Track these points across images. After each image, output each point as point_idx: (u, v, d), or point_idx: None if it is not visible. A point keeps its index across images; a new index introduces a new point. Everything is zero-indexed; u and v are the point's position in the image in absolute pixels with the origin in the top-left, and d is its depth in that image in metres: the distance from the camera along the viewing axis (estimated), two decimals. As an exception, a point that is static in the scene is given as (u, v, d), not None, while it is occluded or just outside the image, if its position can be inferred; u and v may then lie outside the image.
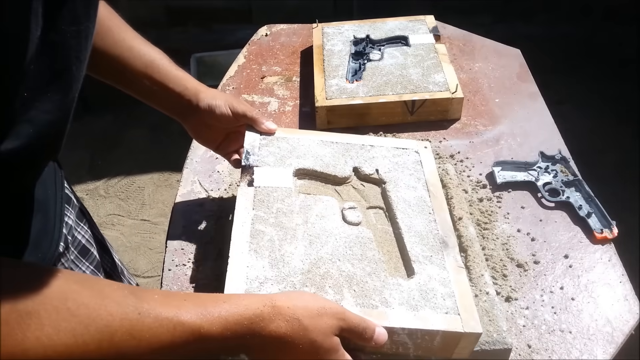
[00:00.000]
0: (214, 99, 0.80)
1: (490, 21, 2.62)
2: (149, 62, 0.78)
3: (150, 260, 2.01)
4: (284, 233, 0.70)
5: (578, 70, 2.43)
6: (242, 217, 0.71)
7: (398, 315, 0.62)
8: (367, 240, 0.72)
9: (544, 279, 0.78)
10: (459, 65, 1.20)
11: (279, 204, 0.73)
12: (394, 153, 0.85)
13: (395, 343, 0.63)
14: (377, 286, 0.65)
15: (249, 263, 0.66)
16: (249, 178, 0.76)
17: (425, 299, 0.65)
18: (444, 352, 0.64)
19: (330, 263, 0.67)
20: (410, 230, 0.73)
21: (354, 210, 0.76)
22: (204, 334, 0.51)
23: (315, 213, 0.74)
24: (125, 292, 0.49)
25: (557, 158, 0.94)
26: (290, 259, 0.67)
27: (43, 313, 0.44)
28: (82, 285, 0.48)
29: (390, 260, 0.71)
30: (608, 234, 0.82)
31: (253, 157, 0.79)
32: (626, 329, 0.72)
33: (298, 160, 0.80)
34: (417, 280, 0.67)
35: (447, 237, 0.72)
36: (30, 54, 0.42)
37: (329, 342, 0.56)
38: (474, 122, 1.05)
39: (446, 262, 0.69)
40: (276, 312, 0.54)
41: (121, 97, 0.85)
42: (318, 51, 1.17)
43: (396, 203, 0.77)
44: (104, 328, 0.46)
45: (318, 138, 0.85)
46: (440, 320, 0.62)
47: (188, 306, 0.51)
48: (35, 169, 0.57)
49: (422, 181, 0.80)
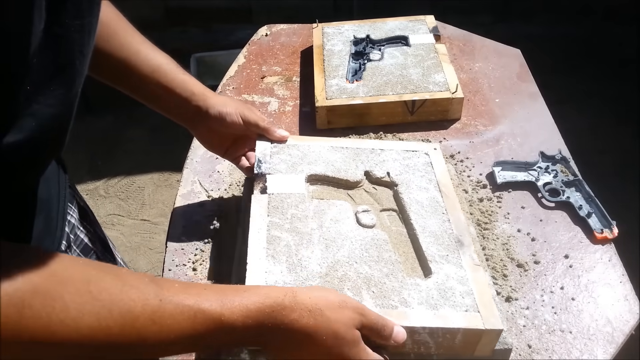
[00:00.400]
0: (224, 107, 0.80)
1: (491, 21, 2.62)
2: (156, 66, 0.77)
3: (150, 260, 2.01)
4: (300, 238, 0.71)
5: (578, 70, 2.43)
6: (258, 224, 0.72)
7: (418, 314, 0.63)
8: (382, 242, 0.72)
9: (544, 279, 0.78)
10: (459, 65, 1.20)
11: (293, 209, 0.74)
12: (404, 156, 0.85)
13: (416, 343, 0.64)
14: (395, 287, 0.66)
15: (267, 268, 0.66)
16: (262, 186, 0.77)
17: (444, 297, 0.65)
18: (466, 350, 0.65)
19: (348, 266, 0.68)
20: (424, 230, 0.74)
21: (367, 213, 0.77)
22: (224, 322, 0.51)
23: (329, 217, 0.75)
24: (145, 280, 0.50)
25: (557, 158, 0.94)
26: (307, 263, 0.68)
27: (67, 296, 0.44)
28: (103, 272, 0.48)
29: (407, 261, 0.72)
30: (608, 234, 0.82)
31: (265, 165, 0.80)
32: (626, 329, 0.72)
33: (309, 166, 0.81)
34: (435, 279, 0.67)
35: (462, 236, 0.73)
36: (34, 47, 0.42)
37: (351, 334, 0.56)
38: (474, 122, 1.05)
39: (463, 260, 0.70)
40: (298, 301, 0.54)
41: (122, 98, 0.84)
42: (318, 51, 1.17)
43: (409, 205, 0.77)
44: (126, 313, 0.47)
45: (328, 144, 0.86)
46: (461, 318, 0.63)
47: (208, 294, 0.51)
48: (38, 165, 0.57)
49: (433, 182, 0.81)
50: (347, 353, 0.56)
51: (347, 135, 1.03)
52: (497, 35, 1.32)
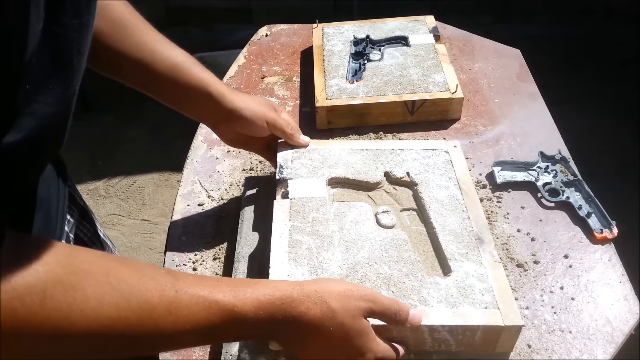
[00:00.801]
0: (247, 110, 0.78)
1: (490, 21, 2.62)
2: (173, 65, 0.74)
3: (151, 260, 2.01)
4: (321, 241, 0.72)
5: (578, 71, 2.43)
6: (280, 229, 0.73)
7: (437, 312, 0.64)
8: (402, 242, 0.73)
9: (544, 279, 0.78)
10: (459, 65, 1.20)
11: (315, 213, 0.76)
12: (424, 155, 0.86)
13: (437, 341, 0.65)
14: (414, 286, 0.67)
15: (289, 272, 0.68)
16: (284, 191, 0.79)
17: (464, 295, 0.66)
18: (487, 347, 0.66)
19: (368, 266, 0.69)
20: (444, 229, 0.74)
21: (387, 214, 0.78)
22: (237, 312, 0.52)
23: (350, 219, 0.76)
24: (161, 271, 0.51)
25: (557, 158, 0.94)
26: (328, 265, 0.69)
27: (87, 287, 0.45)
28: (120, 263, 0.49)
29: (427, 260, 0.72)
30: (608, 234, 0.82)
31: (287, 171, 0.82)
32: (626, 328, 0.72)
33: (330, 169, 0.83)
34: (455, 277, 0.68)
35: (482, 233, 0.74)
36: (33, 46, 0.42)
37: (358, 324, 0.57)
38: (474, 122, 1.06)
39: (482, 258, 0.70)
40: (304, 294, 0.55)
41: (122, 98, 0.85)
42: (318, 51, 1.17)
43: (429, 204, 0.78)
44: (144, 303, 0.48)
45: (348, 146, 0.87)
46: (480, 315, 0.64)
47: (222, 286, 0.53)
48: (38, 164, 0.58)
49: (453, 180, 0.82)
50: (355, 343, 0.57)
51: (347, 135, 1.03)
52: (497, 36, 1.32)
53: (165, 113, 1.28)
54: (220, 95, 0.77)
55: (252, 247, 0.79)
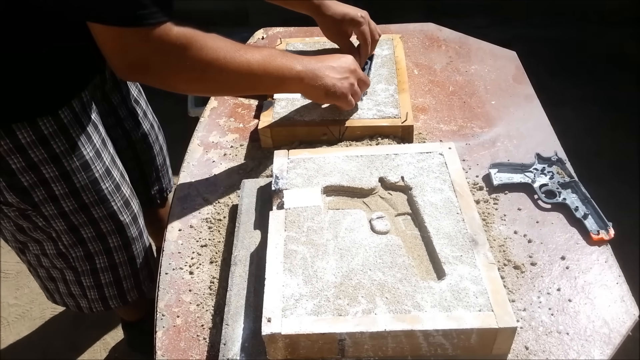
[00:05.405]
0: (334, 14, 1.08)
1: (486, 24, 2.63)
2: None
3: (148, 264, 2.00)
4: (316, 250, 0.73)
5: (574, 72, 2.44)
6: (275, 240, 0.74)
7: (431, 317, 0.64)
8: (396, 247, 0.73)
9: (541, 281, 0.78)
10: (455, 67, 1.20)
11: (309, 222, 0.76)
12: (419, 158, 0.86)
13: (432, 345, 0.65)
14: (408, 291, 0.67)
15: (284, 282, 0.69)
16: (279, 201, 0.80)
17: (458, 298, 0.66)
18: (484, 350, 0.66)
19: (362, 273, 0.70)
20: (438, 232, 0.74)
21: (381, 220, 0.78)
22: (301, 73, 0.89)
23: (344, 227, 0.76)
24: None
25: (553, 160, 0.94)
26: (322, 274, 0.70)
27: (224, 42, 0.82)
28: None
29: (421, 264, 0.72)
30: (604, 236, 0.82)
31: (282, 181, 0.83)
32: (623, 330, 0.72)
33: (325, 178, 0.83)
34: (449, 281, 0.68)
35: (477, 235, 0.74)
36: None
37: None
38: (470, 124, 1.06)
39: (477, 260, 0.70)
40: None
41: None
42: None
43: (423, 207, 0.78)
44: (267, 56, 0.87)
45: (343, 154, 0.88)
46: (474, 319, 0.64)
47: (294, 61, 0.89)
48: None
49: (447, 182, 0.82)
50: None
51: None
52: (493, 38, 1.33)
53: (162, 116, 1.28)
54: None
55: (249, 250, 0.79)
